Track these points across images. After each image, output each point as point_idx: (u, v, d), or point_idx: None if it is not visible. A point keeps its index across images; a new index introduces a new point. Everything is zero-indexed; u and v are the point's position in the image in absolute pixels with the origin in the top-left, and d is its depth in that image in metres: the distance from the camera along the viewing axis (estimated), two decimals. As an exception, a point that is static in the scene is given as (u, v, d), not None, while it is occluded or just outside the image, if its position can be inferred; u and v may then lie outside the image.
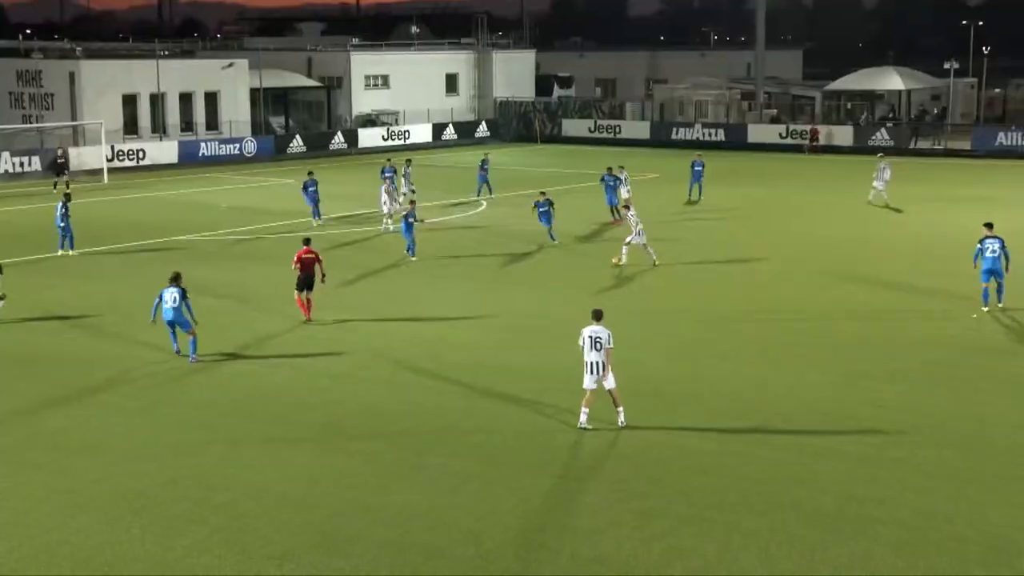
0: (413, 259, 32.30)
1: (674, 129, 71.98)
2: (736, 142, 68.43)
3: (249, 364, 22.31)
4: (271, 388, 20.66)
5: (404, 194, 42.40)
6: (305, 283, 25.21)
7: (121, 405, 19.73)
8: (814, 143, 65.79)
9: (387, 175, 43.77)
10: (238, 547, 13.99)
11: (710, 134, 70.31)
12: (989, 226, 26.05)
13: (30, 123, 62.22)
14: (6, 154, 55.69)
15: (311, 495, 15.53)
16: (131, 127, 63.46)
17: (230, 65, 68.00)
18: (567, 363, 21.59)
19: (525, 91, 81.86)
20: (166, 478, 16.18)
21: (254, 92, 68.42)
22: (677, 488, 15.72)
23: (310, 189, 39.68)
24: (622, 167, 42.00)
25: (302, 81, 74.19)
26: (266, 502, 15.30)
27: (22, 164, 55.76)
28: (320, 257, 25.37)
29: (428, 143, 72.09)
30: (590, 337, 17.94)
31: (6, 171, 55.08)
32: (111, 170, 55.72)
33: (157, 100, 64.23)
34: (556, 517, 14.88)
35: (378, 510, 15.02)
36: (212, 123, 66.80)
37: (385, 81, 76.12)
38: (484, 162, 47.50)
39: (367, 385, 20.82)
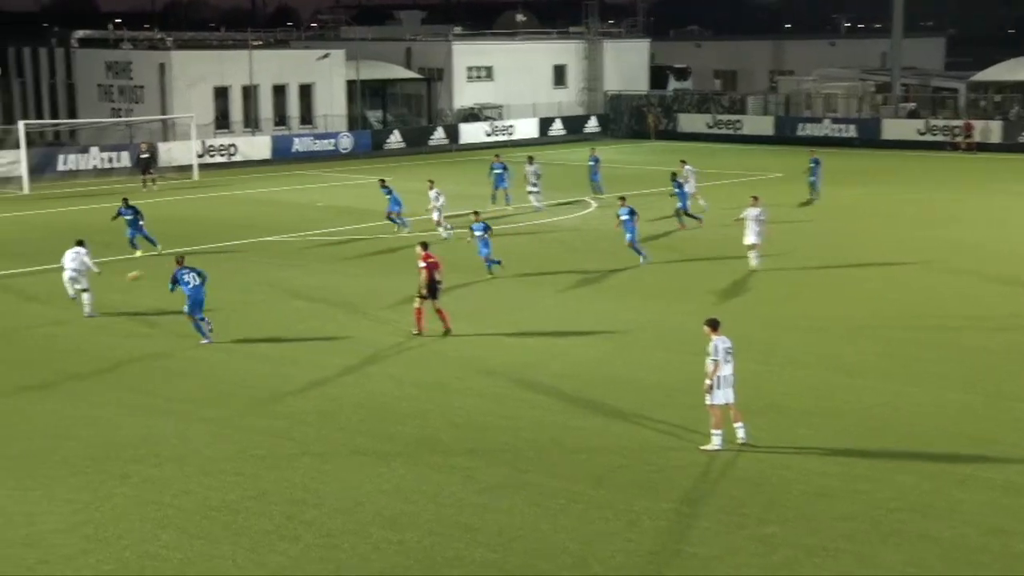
0: (491, 275, 31.21)
1: (800, 125, 71.04)
2: (869, 139, 67.30)
3: (340, 373, 22.65)
4: (362, 399, 20.95)
5: (535, 192, 42.89)
6: (431, 291, 24.85)
7: (205, 414, 20.19)
8: (968, 139, 64.25)
9: (496, 170, 44.16)
10: (333, 565, 14.22)
11: (840, 130, 69.23)
12: None
13: (119, 116, 64.06)
14: (95, 149, 57.53)
15: (406, 512, 15.72)
16: (222, 121, 64.89)
17: (326, 56, 69.05)
18: (676, 377, 21.56)
19: (638, 83, 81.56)
20: (255, 491, 16.53)
21: (350, 84, 69.37)
22: (799, 514, 15.53)
23: (386, 197, 38.53)
24: (684, 161, 41.69)
25: (401, 73, 75.01)
26: (359, 519, 15.53)
27: (111, 160, 57.41)
28: (438, 262, 25.15)
29: (534, 139, 72.29)
30: (725, 349, 17.72)
31: (95, 167, 56.80)
32: (201, 166, 57.10)
33: (250, 93, 65.58)
34: (668, 542, 14.83)
35: (477, 530, 15.13)
36: (306, 117, 67.96)
37: (488, 73, 76.56)
38: (592, 159, 47.50)
39: (462, 397, 20.97)
